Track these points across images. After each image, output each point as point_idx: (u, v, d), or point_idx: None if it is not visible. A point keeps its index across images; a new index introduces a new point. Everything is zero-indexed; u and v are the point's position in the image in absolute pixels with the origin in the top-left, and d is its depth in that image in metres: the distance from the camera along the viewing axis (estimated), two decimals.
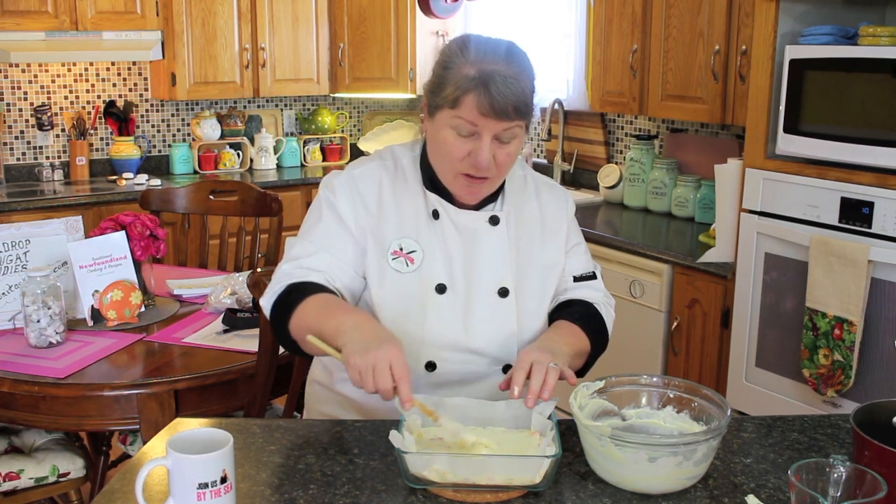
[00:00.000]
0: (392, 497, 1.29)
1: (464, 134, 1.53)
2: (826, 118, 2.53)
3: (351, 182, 1.66)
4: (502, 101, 1.48)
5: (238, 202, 3.29)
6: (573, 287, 1.73)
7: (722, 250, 2.96)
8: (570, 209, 1.77)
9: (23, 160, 4.46)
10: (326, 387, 1.77)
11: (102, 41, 4.25)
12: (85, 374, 2.09)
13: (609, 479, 1.33)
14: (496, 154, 1.54)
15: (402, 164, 1.68)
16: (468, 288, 1.63)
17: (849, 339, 2.44)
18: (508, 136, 1.54)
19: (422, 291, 1.61)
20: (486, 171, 1.55)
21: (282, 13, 4.71)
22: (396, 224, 1.63)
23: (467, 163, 1.55)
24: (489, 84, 1.47)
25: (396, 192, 1.65)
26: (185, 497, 1.18)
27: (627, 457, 1.27)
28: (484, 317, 1.63)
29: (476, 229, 1.64)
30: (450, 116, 1.53)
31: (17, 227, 2.40)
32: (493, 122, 1.50)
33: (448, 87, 1.52)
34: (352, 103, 5.38)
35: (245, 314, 2.37)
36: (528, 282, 1.67)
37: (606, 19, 3.68)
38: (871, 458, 1.21)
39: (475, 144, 1.53)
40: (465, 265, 1.64)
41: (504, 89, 1.48)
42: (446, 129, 1.54)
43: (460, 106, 1.50)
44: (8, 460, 2.28)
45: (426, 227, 1.64)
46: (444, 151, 1.56)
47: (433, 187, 1.65)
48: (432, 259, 1.62)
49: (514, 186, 1.71)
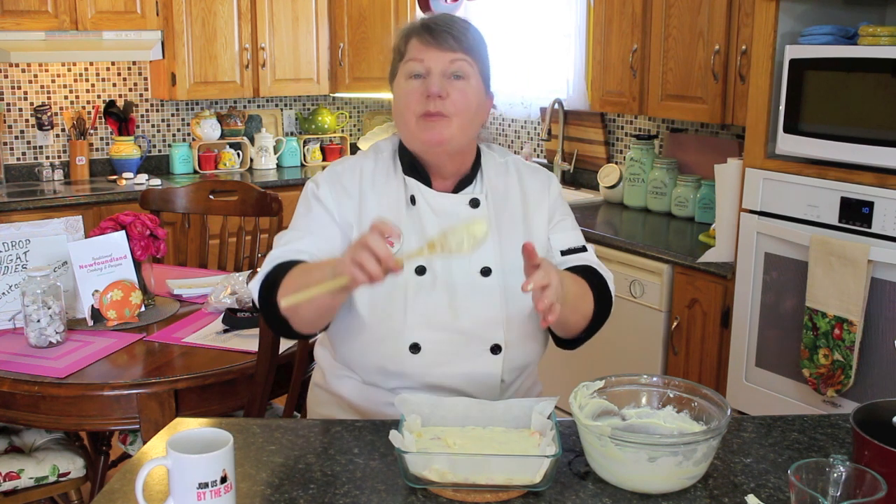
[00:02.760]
0: (392, 497, 1.29)
1: (417, 75, 1.61)
2: (826, 118, 2.53)
3: (333, 176, 1.72)
4: (439, 28, 1.60)
5: (238, 202, 3.29)
6: (562, 261, 1.71)
7: (722, 250, 2.96)
8: (553, 189, 1.78)
9: (23, 160, 4.47)
10: (324, 388, 1.79)
11: (102, 41, 4.25)
12: (85, 374, 2.09)
13: (609, 479, 1.33)
14: (449, 89, 1.59)
15: (384, 156, 1.74)
16: (449, 269, 1.65)
17: (849, 338, 2.44)
18: (457, 71, 1.61)
19: (402, 275, 1.61)
20: (440, 104, 1.59)
21: (282, 13, 4.72)
22: (376, 212, 1.67)
23: (422, 101, 1.60)
24: (428, 23, 1.63)
25: (376, 182, 1.70)
26: (185, 497, 1.18)
27: (627, 456, 1.27)
28: (468, 296, 1.65)
29: (456, 213, 1.67)
30: (402, 67, 1.63)
31: (17, 227, 2.40)
32: (437, 53, 1.60)
33: (397, 47, 1.66)
34: (352, 103, 5.38)
35: (245, 314, 2.37)
36: (511, 261, 1.66)
37: (606, 19, 3.68)
38: (871, 458, 1.21)
39: (427, 81, 1.60)
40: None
41: (441, 21, 1.62)
42: (402, 80, 1.64)
43: (407, 51, 1.63)
44: (8, 460, 2.28)
45: (405, 212, 1.67)
46: (402, 102, 1.64)
47: (412, 171, 1.69)
48: (409, 243, 1.64)
49: (493, 171, 1.75)
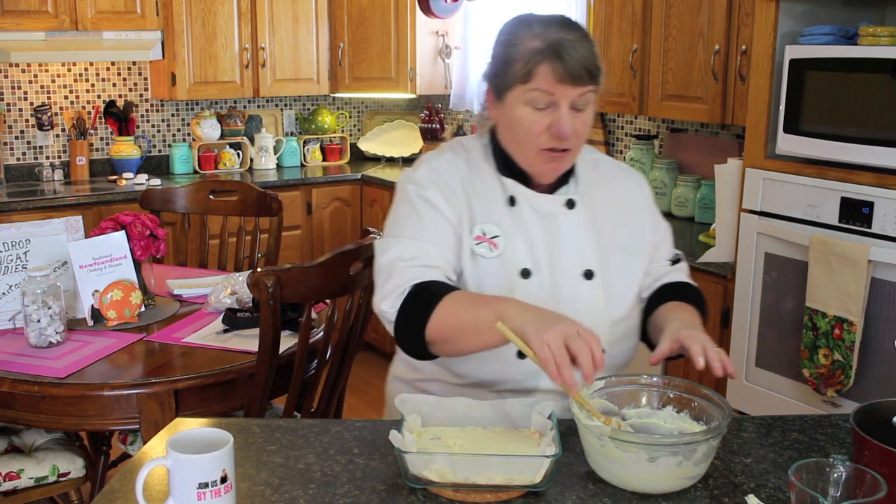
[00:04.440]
0: (392, 497, 1.29)
1: (541, 107, 1.53)
2: (826, 118, 2.53)
3: (434, 173, 1.65)
4: (575, 64, 1.49)
5: (238, 202, 3.30)
6: (669, 271, 1.75)
7: (722, 250, 2.95)
8: (647, 190, 1.76)
9: (23, 160, 4.47)
10: (409, 383, 1.75)
11: (102, 41, 4.24)
12: (85, 374, 2.09)
13: (609, 479, 1.33)
14: (574, 123, 1.53)
15: (474, 155, 1.68)
16: (553, 271, 1.62)
17: (849, 338, 2.44)
18: (583, 103, 1.54)
19: (507, 277, 1.60)
20: (568, 141, 1.54)
21: (282, 13, 4.72)
22: (478, 210, 1.63)
23: (548, 136, 1.54)
24: (560, 51, 1.49)
25: (474, 180, 1.65)
26: (186, 497, 1.18)
27: (628, 457, 1.27)
28: (572, 299, 1.61)
29: (554, 213, 1.63)
30: (523, 92, 1.53)
31: (17, 227, 2.40)
32: (570, 89, 1.50)
33: (517, 62, 1.52)
34: (352, 103, 5.38)
35: (245, 314, 2.37)
36: (610, 264, 1.65)
37: (606, 19, 3.68)
38: (871, 458, 1.21)
39: (554, 116, 1.53)
40: (548, 249, 1.62)
41: (575, 53, 1.49)
42: (521, 107, 1.54)
43: (534, 78, 1.51)
44: (8, 460, 2.28)
45: (505, 212, 1.63)
46: (522, 130, 1.55)
47: (508, 172, 1.64)
48: (514, 244, 1.61)
49: (586, 170, 1.70)
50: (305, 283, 2.10)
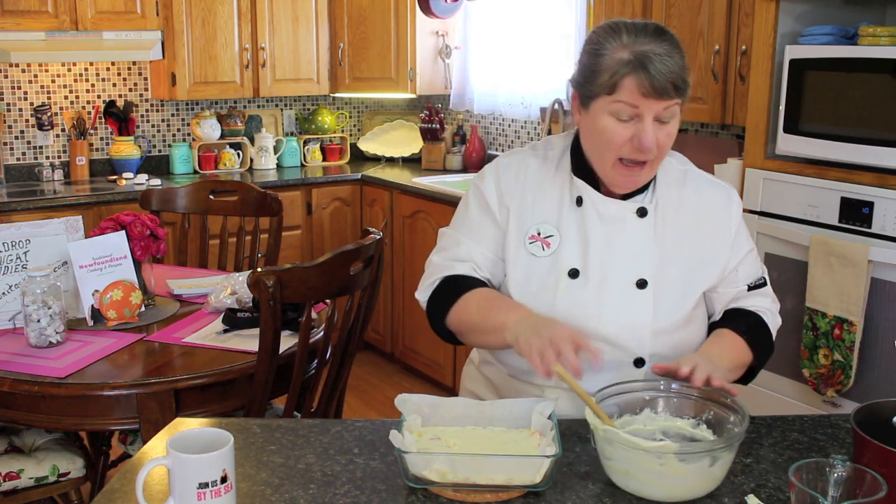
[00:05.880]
0: (392, 497, 1.29)
1: (624, 118, 1.52)
2: (826, 118, 2.53)
3: (498, 170, 1.71)
4: (662, 79, 1.48)
5: (238, 202, 3.29)
6: (745, 296, 1.71)
7: None
8: (735, 209, 1.71)
9: (23, 160, 4.46)
10: (477, 368, 1.84)
11: (102, 41, 4.24)
12: (85, 374, 2.09)
13: (645, 494, 1.29)
14: (657, 135, 1.53)
15: (553, 153, 1.70)
16: (603, 275, 1.62)
17: (849, 339, 2.44)
18: (668, 116, 1.53)
19: (554, 275, 1.62)
20: (649, 153, 1.53)
21: (282, 13, 4.71)
22: (538, 209, 1.66)
23: (629, 147, 1.54)
24: (647, 64, 1.47)
25: (542, 179, 1.67)
26: (186, 497, 1.18)
27: (691, 468, 1.26)
28: (618, 305, 1.61)
29: (622, 218, 1.63)
30: (608, 103, 1.52)
31: (17, 227, 2.40)
32: (655, 102, 1.50)
33: (603, 73, 1.51)
34: (352, 103, 5.38)
35: (245, 314, 2.37)
36: (670, 275, 1.63)
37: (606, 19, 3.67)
38: (871, 458, 1.21)
39: (637, 127, 1.52)
40: (603, 253, 1.62)
41: (662, 67, 1.47)
42: (605, 117, 1.54)
43: (619, 90, 1.50)
44: (8, 460, 2.28)
45: (568, 212, 1.64)
46: (604, 139, 1.55)
47: (581, 173, 1.65)
48: (569, 244, 1.63)
49: (670, 180, 1.68)
50: (305, 283, 2.10)
